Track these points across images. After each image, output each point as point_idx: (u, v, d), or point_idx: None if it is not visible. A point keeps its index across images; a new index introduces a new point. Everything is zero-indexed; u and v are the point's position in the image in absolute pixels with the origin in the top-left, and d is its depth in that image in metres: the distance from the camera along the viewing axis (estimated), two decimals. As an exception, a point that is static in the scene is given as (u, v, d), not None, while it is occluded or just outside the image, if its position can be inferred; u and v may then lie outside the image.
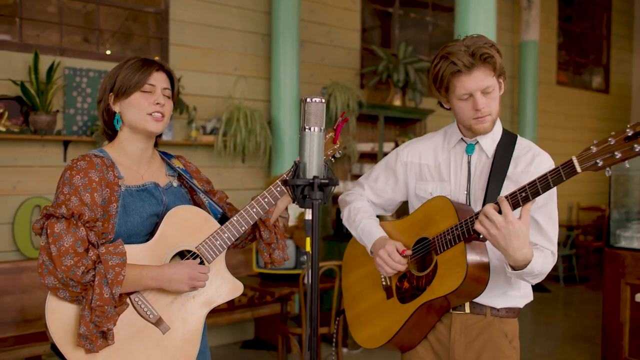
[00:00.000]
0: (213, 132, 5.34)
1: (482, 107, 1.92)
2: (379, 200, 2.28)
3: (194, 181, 2.06)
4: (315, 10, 6.25)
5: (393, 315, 2.07)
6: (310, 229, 1.10)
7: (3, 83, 4.35)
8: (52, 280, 1.71)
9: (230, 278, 1.98)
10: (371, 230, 2.15)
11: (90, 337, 1.71)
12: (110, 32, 5.12)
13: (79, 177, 1.78)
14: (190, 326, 1.89)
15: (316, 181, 1.11)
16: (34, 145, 4.45)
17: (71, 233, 1.71)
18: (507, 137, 2.05)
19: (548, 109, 8.99)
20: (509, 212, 1.70)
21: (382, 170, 2.27)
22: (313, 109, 1.19)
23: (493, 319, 2.02)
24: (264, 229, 2.10)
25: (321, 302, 5.38)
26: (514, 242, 1.71)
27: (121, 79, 1.88)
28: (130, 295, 1.82)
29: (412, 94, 6.38)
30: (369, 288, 2.21)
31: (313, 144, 1.18)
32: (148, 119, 1.88)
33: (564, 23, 9.66)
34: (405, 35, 7.34)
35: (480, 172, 2.02)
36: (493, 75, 1.91)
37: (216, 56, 5.52)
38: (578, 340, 5.69)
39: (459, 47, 1.90)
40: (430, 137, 2.21)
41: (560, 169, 1.64)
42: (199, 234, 1.93)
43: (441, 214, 1.96)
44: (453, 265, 1.88)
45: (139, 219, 1.86)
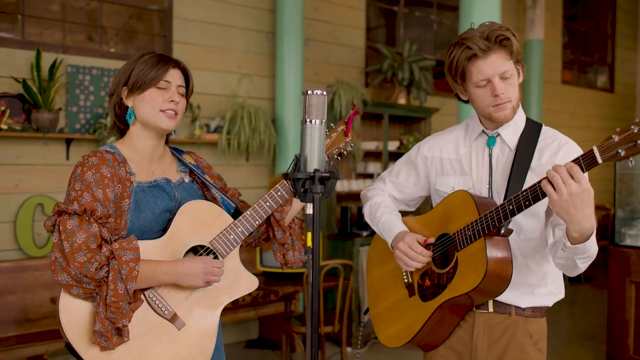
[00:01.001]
0: (217, 131, 5.32)
1: (501, 92, 1.85)
2: (400, 195, 2.24)
3: (206, 176, 2.04)
4: (320, 9, 6.23)
5: (414, 314, 2.02)
6: (311, 223, 1.08)
7: (5, 80, 4.33)
8: (66, 277, 1.69)
9: (245, 272, 1.95)
10: (392, 225, 2.10)
11: (105, 334, 1.70)
12: (114, 30, 5.11)
13: (91, 173, 1.76)
14: (206, 322, 1.87)
15: (317, 174, 1.09)
16: (36, 143, 4.44)
17: (84, 229, 1.70)
18: (531, 127, 1.97)
19: (553, 107, 8.95)
20: (583, 178, 1.57)
21: (403, 165, 2.23)
22: (314, 102, 1.17)
23: (518, 319, 1.94)
24: (278, 229, 2.06)
25: (325, 301, 5.36)
26: (586, 210, 1.59)
27: (137, 74, 1.86)
28: (145, 292, 1.81)
29: (416, 92, 6.35)
30: (392, 285, 2.17)
31: (314, 137, 1.15)
32: (161, 115, 1.86)
33: (569, 22, 9.61)
34: (410, 34, 7.32)
35: (502, 165, 1.95)
36: (510, 59, 1.85)
37: (220, 54, 5.50)
38: (583, 338, 5.66)
39: (474, 33, 1.85)
40: (452, 130, 2.16)
41: (581, 159, 1.57)
42: (212, 228, 1.91)
43: (462, 209, 1.91)
44: (473, 261, 1.82)
45: (152, 215, 1.85)
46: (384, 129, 6.10)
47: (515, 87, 1.89)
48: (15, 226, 4.37)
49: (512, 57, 1.85)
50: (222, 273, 1.87)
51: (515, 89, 1.90)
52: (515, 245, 1.91)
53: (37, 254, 4.40)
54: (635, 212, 4.84)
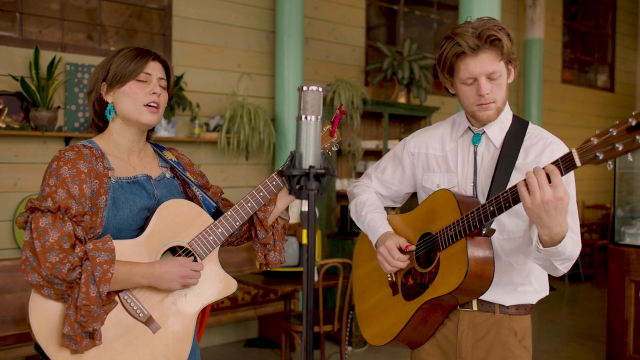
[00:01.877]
0: (216, 129, 5.31)
1: (486, 92, 1.83)
2: (386, 192, 2.22)
3: (187, 174, 1.99)
4: (320, 7, 6.22)
5: (398, 313, 2.01)
6: (306, 221, 1.07)
7: (3, 79, 4.32)
8: (36, 277, 1.62)
9: (224, 275, 1.90)
10: (376, 225, 2.09)
11: (74, 338, 1.63)
12: (113, 29, 5.10)
13: (67, 168, 1.69)
14: (182, 325, 1.81)
15: (312, 171, 1.07)
16: (34, 141, 4.43)
17: (57, 228, 1.63)
18: (517, 125, 1.95)
19: (553, 107, 8.94)
20: (560, 184, 1.54)
21: (389, 161, 2.21)
22: (309, 98, 1.16)
23: (502, 317, 1.93)
24: (261, 228, 1.99)
25: (325, 300, 5.36)
26: (558, 217, 1.58)
27: (115, 67, 1.81)
28: (119, 293, 1.74)
29: (416, 91, 6.34)
30: (376, 283, 2.16)
31: (309, 134, 1.14)
32: (144, 110, 1.81)
33: (569, 21, 9.60)
34: (410, 33, 7.31)
35: (487, 164, 1.93)
36: (500, 60, 1.82)
37: (220, 53, 5.50)
38: (583, 338, 5.65)
39: (467, 29, 1.82)
40: (438, 126, 2.14)
41: (560, 162, 1.54)
42: (192, 229, 1.85)
43: (445, 208, 1.89)
44: (454, 262, 1.81)
45: (129, 213, 1.79)
46: (383, 128, 6.09)
47: (503, 88, 1.87)
48: (13, 225, 4.36)
49: (503, 58, 1.83)
50: (199, 276, 1.82)
51: (503, 90, 1.87)
52: (499, 245, 1.90)
53: (36, 252, 4.39)
54: (635, 211, 4.83)
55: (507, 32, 1.82)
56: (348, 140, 5.82)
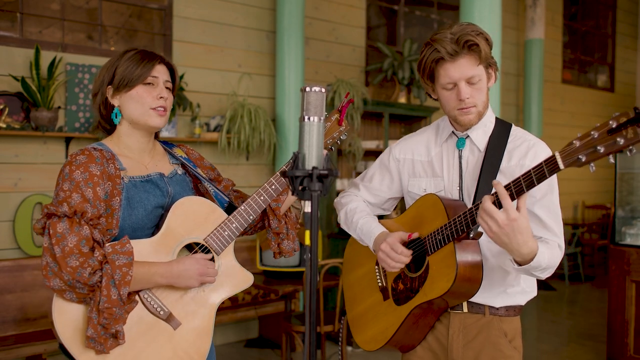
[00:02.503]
0: (217, 129, 5.31)
1: (466, 97, 1.85)
2: (375, 199, 2.23)
3: (198, 170, 2.01)
4: (320, 7, 6.21)
5: (389, 318, 2.03)
6: (309, 222, 1.07)
7: (3, 79, 4.32)
8: (58, 282, 1.65)
9: (240, 269, 1.93)
10: (370, 227, 2.09)
11: (99, 339, 1.66)
12: (113, 29, 5.10)
13: (79, 172, 1.72)
14: (201, 320, 1.85)
15: (315, 172, 1.07)
16: (35, 141, 4.43)
17: (75, 232, 1.65)
18: (500, 128, 1.96)
19: (553, 107, 8.94)
20: (511, 207, 1.59)
21: (376, 169, 2.23)
22: (312, 99, 1.16)
23: (492, 318, 1.95)
24: (273, 218, 2.03)
25: (325, 300, 5.35)
26: (519, 238, 1.62)
27: (122, 71, 1.82)
28: (140, 293, 1.78)
29: (417, 91, 6.34)
30: (367, 289, 2.17)
31: (312, 134, 1.14)
32: (151, 113, 1.84)
33: (570, 21, 9.60)
34: (410, 33, 7.30)
35: (472, 167, 1.95)
36: (478, 64, 1.83)
37: (220, 53, 5.49)
38: (583, 338, 5.65)
39: (445, 35, 1.83)
40: (423, 131, 2.15)
41: (544, 165, 1.55)
42: (206, 225, 1.88)
43: (432, 213, 1.91)
44: (443, 266, 1.83)
45: (144, 212, 1.82)
46: (384, 128, 6.09)
47: (483, 92, 1.89)
48: (14, 225, 4.36)
49: (481, 62, 1.84)
50: (216, 273, 1.85)
51: (483, 94, 1.89)
52: (486, 247, 1.91)
53: (36, 252, 4.39)
54: (635, 211, 4.83)
55: (485, 37, 1.85)
56: (348, 141, 5.82)
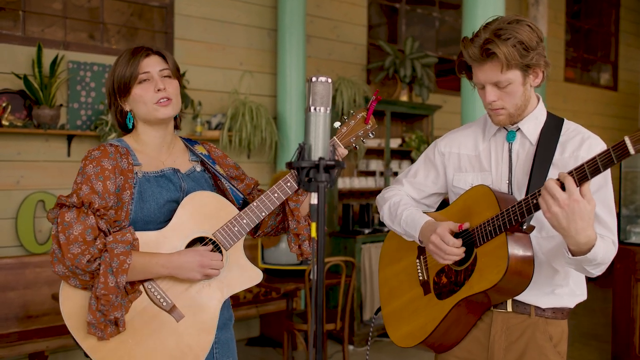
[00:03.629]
0: (218, 128, 5.30)
1: (492, 100, 1.82)
2: (419, 195, 2.16)
3: (217, 167, 2.02)
4: (322, 5, 6.20)
5: (430, 313, 1.95)
6: (315, 214, 1.05)
7: (6, 77, 4.31)
8: (62, 268, 1.70)
9: (249, 266, 1.91)
10: (415, 218, 2.00)
11: (99, 325, 1.70)
12: (115, 27, 5.09)
13: (92, 166, 1.78)
14: (205, 315, 1.84)
15: (322, 162, 1.06)
16: (37, 139, 4.42)
17: (80, 221, 1.70)
18: (553, 121, 1.90)
19: (556, 106, 8.91)
20: (574, 189, 1.53)
21: (421, 164, 2.17)
22: (319, 89, 1.14)
23: (538, 320, 1.87)
24: (292, 219, 1.99)
25: (327, 298, 5.34)
26: (578, 223, 1.54)
27: (117, 79, 1.87)
28: (144, 283, 1.80)
29: (419, 89, 6.32)
30: (406, 283, 2.10)
31: (319, 125, 1.12)
32: (156, 107, 1.86)
33: (572, 19, 9.58)
34: (411, 32, 7.29)
35: (523, 160, 1.89)
36: (505, 70, 1.76)
37: (221, 51, 5.48)
38: (587, 338, 5.63)
39: (480, 35, 1.78)
40: (469, 126, 2.10)
41: (611, 151, 1.49)
42: (217, 220, 1.87)
43: (482, 204, 1.84)
44: (493, 258, 1.76)
45: (155, 206, 1.84)
46: (385, 126, 6.07)
47: (514, 95, 1.81)
48: (16, 222, 4.35)
49: (505, 69, 1.76)
50: (220, 266, 1.84)
51: (514, 97, 1.82)
52: (537, 243, 1.84)
53: (38, 250, 4.38)
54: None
55: (518, 41, 1.74)
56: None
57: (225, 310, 1.98)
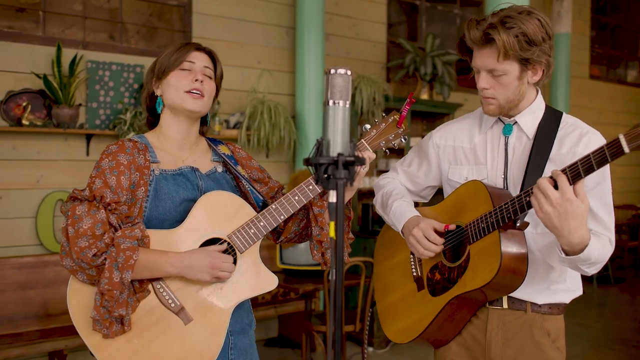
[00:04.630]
0: (236, 126, 5.27)
1: (483, 87, 1.78)
2: (413, 186, 2.15)
3: (238, 168, 1.96)
4: (340, 3, 6.14)
5: (423, 309, 1.93)
6: (334, 213, 1.00)
7: (26, 76, 4.32)
8: (69, 262, 1.68)
9: (264, 270, 1.84)
10: (403, 210, 2.00)
11: (104, 322, 1.66)
12: (134, 27, 5.08)
13: (107, 161, 1.76)
14: (215, 319, 1.78)
15: (341, 159, 1.00)
16: (57, 138, 4.43)
17: (91, 215, 1.67)
18: (551, 115, 1.86)
19: (581, 103, 8.76)
20: (567, 188, 1.50)
21: (415, 154, 2.14)
22: (338, 82, 1.08)
23: (534, 316, 1.85)
24: (315, 225, 1.90)
25: (346, 299, 5.28)
26: (571, 223, 1.51)
27: (161, 61, 1.86)
28: (153, 282, 1.75)
29: (439, 87, 6.23)
30: (400, 278, 2.08)
31: (337, 119, 1.06)
32: (186, 96, 1.82)
33: (598, 15, 9.40)
34: (432, 29, 7.20)
35: (519, 155, 1.85)
36: (499, 59, 1.71)
37: (240, 49, 5.45)
38: (613, 342, 5.51)
39: (486, 19, 1.74)
40: (466, 117, 2.06)
41: (605, 148, 1.45)
42: (233, 221, 1.81)
43: (475, 200, 1.81)
44: (486, 255, 1.73)
45: (171, 204, 1.79)
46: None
47: (507, 87, 1.77)
48: (36, 221, 4.35)
49: (502, 58, 1.72)
50: (232, 269, 1.77)
51: (507, 89, 1.77)
52: (532, 239, 1.81)
53: (57, 249, 4.38)
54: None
55: (521, 32, 1.69)
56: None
57: (245, 316, 1.92)
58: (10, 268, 4.08)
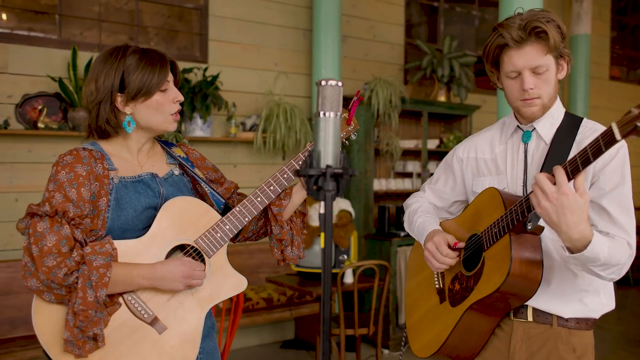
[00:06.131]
0: (253, 129, 5.28)
1: (530, 87, 1.74)
2: (440, 202, 2.15)
3: (196, 170, 1.94)
4: (358, 5, 6.13)
5: (444, 320, 1.90)
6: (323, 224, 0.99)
7: (42, 80, 4.38)
8: (35, 282, 1.60)
9: (233, 272, 1.84)
10: (425, 225, 2.02)
11: (76, 342, 1.60)
12: (150, 30, 5.12)
13: (64, 173, 1.67)
14: (189, 325, 1.76)
15: (329, 170, 1.00)
16: (72, 141, 4.47)
17: (54, 232, 1.60)
18: (570, 121, 1.82)
19: (600, 105, 8.64)
20: (564, 182, 1.47)
21: (442, 170, 2.15)
22: (328, 93, 1.08)
23: (560, 330, 1.78)
24: (275, 224, 1.92)
25: (362, 302, 5.27)
26: (568, 217, 1.48)
27: (138, 80, 1.74)
28: (123, 295, 1.71)
29: (457, 89, 6.18)
30: (426, 294, 2.07)
31: (328, 131, 1.06)
32: (171, 119, 1.81)
33: (618, 16, 9.26)
34: (451, 30, 7.16)
35: (538, 161, 1.82)
36: (546, 53, 1.71)
37: (256, 52, 5.46)
38: (633, 345, 5.42)
39: (514, 20, 1.73)
40: (488, 129, 2.05)
41: (600, 138, 1.41)
42: (198, 226, 1.80)
43: (490, 207, 1.79)
44: (498, 260, 1.70)
45: (133, 212, 1.75)
46: (423, 127, 5.96)
47: (550, 84, 1.76)
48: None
49: (550, 52, 1.72)
50: (204, 276, 1.76)
51: (549, 86, 1.76)
52: (553, 246, 1.77)
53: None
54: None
55: (557, 25, 1.72)
56: (386, 140, 5.71)
57: (208, 319, 1.90)
58: (27, 270, 4.12)
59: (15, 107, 4.25)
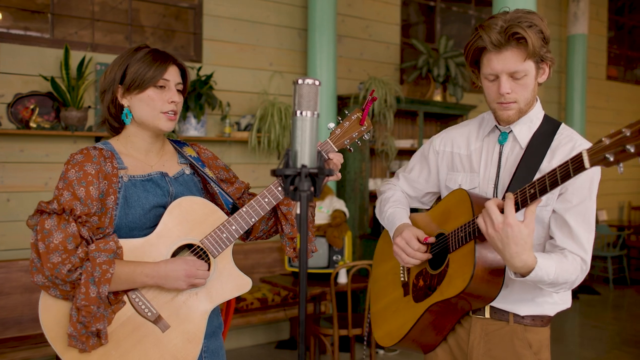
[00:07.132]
0: (247, 128, 5.27)
1: (506, 91, 1.72)
2: (413, 192, 2.15)
3: (206, 170, 1.95)
4: (353, 4, 6.11)
5: (407, 314, 1.95)
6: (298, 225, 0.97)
7: (34, 79, 4.36)
8: (41, 278, 1.64)
9: (238, 273, 1.86)
10: (394, 218, 2.01)
11: (80, 337, 1.65)
12: (144, 29, 5.10)
13: (74, 171, 1.71)
14: (192, 325, 1.78)
15: (304, 170, 0.98)
16: (65, 141, 4.45)
17: (61, 229, 1.63)
18: (548, 126, 1.82)
19: (597, 105, 8.62)
20: (510, 212, 1.52)
21: (417, 160, 2.14)
22: (305, 92, 1.06)
23: (516, 327, 1.82)
24: (286, 223, 1.95)
25: (356, 302, 5.25)
26: (512, 247, 1.54)
27: (134, 72, 1.78)
28: (128, 293, 1.74)
29: (452, 89, 6.17)
30: (391, 283, 2.10)
31: (305, 130, 1.04)
32: (162, 117, 1.81)
33: (615, 15, 9.24)
34: (448, 30, 7.14)
35: (511, 165, 1.82)
36: (526, 59, 1.69)
37: (251, 51, 5.44)
38: (628, 345, 5.40)
39: (496, 22, 1.70)
40: (466, 124, 2.03)
41: (570, 163, 1.43)
42: (205, 226, 1.81)
43: (458, 209, 1.80)
44: (462, 265, 1.72)
45: (141, 211, 1.77)
46: (418, 127, 5.95)
47: (528, 89, 1.74)
48: (45, 224, 4.38)
49: (529, 57, 1.70)
50: (207, 276, 1.78)
51: (527, 91, 1.75)
52: None
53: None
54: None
55: (539, 29, 1.69)
56: (382, 140, 5.70)
57: (215, 318, 1.93)
58: (18, 271, 4.10)
59: (7, 107, 4.23)
